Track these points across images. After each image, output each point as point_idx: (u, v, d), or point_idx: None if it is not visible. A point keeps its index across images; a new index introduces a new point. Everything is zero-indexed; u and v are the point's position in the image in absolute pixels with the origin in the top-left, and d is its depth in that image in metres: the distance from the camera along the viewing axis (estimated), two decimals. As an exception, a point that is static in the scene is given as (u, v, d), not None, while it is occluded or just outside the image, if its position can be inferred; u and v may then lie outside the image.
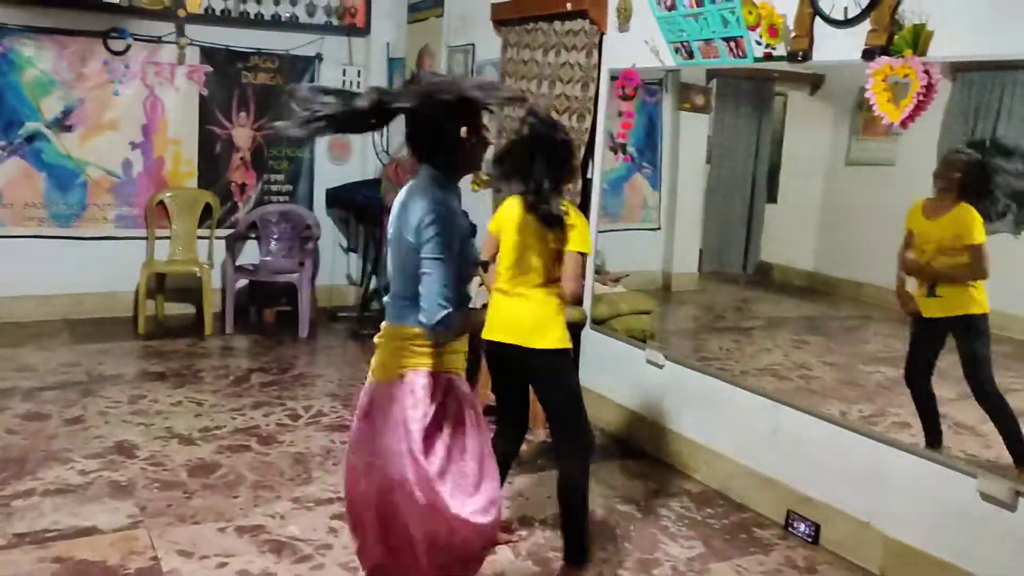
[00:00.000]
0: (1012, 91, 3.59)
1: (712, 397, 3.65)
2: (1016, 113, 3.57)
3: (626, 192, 5.07)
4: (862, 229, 4.47)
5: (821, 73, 4.03)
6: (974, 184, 3.27)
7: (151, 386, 4.50)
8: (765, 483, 3.38)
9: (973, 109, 3.71)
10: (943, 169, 3.31)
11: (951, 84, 3.73)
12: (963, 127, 3.76)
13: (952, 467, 2.80)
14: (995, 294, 3.41)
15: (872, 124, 3.23)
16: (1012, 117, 3.60)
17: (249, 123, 6.05)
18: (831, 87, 4.02)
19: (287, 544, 2.94)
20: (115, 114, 5.65)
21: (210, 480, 3.41)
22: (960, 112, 3.75)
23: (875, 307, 4.42)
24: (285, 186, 6.25)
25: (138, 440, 3.76)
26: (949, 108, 3.76)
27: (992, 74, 3.62)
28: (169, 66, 5.74)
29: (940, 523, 2.80)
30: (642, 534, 3.19)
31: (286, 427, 4.03)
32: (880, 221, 4.28)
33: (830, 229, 4.77)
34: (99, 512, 3.09)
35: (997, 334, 3.78)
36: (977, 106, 3.70)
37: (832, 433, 3.14)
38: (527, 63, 4.67)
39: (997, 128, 3.70)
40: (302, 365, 5.07)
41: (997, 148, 3.42)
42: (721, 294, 5.35)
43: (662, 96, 4.95)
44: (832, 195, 4.78)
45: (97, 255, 5.67)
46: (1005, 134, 3.71)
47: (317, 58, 6.17)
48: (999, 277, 3.30)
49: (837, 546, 3.11)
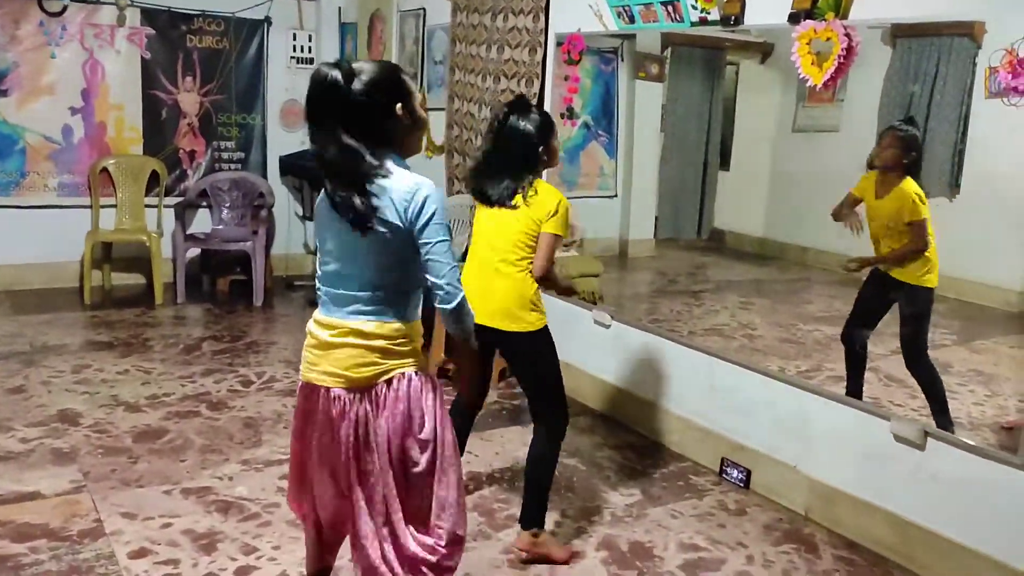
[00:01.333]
0: (948, 57, 3.67)
1: (655, 355, 3.74)
2: (952, 78, 3.66)
3: (583, 160, 5.09)
4: (808, 195, 4.57)
5: (771, 42, 4.09)
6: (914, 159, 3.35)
7: (97, 355, 4.43)
8: (702, 433, 3.49)
9: (912, 75, 3.80)
10: (881, 148, 3.39)
11: (891, 50, 3.81)
12: (902, 92, 3.85)
13: (868, 411, 2.93)
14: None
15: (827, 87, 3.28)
16: (948, 82, 3.69)
17: (196, 88, 5.93)
18: (780, 55, 4.08)
19: (234, 504, 2.94)
20: (53, 78, 5.49)
21: (156, 445, 3.39)
22: (899, 78, 3.83)
23: (819, 270, 4.53)
24: (237, 153, 6.14)
25: (82, 408, 3.71)
26: (889, 74, 3.84)
27: (929, 40, 3.71)
28: (109, 28, 5.58)
29: (859, 465, 2.93)
30: (585, 484, 3.26)
31: (237, 393, 4.01)
32: (824, 187, 4.38)
33: (778, 195, 4.87)
34: (41, 478, 3.05)
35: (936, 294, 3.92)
36: (915, 72, 3.78)
37: (763, 385, 3.25)
38: (476, 27, 4.64)
39: (934, 93, 3.79)
40: (256, 333, 5.03)
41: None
42: (676, 260, 5.44)
43: (617, 65, 4.97)
44: (780, 162, 4.87)
45: (39, 224, 5.53)
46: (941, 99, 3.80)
47: (266, 22, 6.05)
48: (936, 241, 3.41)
49: (766, 490, 3.23)
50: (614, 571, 2.67)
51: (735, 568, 2.73)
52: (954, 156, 3.78)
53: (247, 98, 6.10)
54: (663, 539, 2.88)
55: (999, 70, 2.46)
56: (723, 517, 3.06)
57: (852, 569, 2.77)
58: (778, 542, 2.91)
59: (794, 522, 3.05)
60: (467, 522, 2.07)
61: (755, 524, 3.02)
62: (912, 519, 2.76)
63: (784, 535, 2.96)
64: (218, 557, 2.61)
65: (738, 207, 5.15)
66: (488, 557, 2.71)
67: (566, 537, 2.86)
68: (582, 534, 2.88)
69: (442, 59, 5.14)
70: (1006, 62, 2.44)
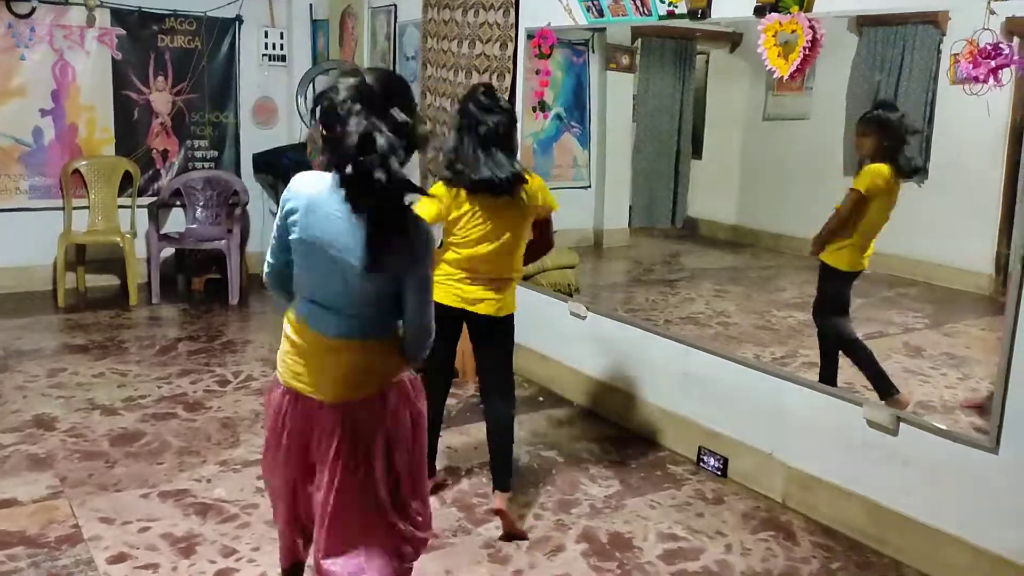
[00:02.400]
0: (912, 45, 3.72)
1: (631, 345, 3.77)
2: (918, 65, 3.71)
3: (556, 151, 5.10)
4: (779, 182, 4.62)
5: (740, 32, 4.12)
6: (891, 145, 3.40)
7: (72, 359, 4.39)
8: (679, 423, 3.53)
9: (878, 63, 3.84)
10: (859, 136, 3.45)
11: (857, 39, 3.86)
12: (869, 80, 3.89)
13: (842, 397, 2.98)
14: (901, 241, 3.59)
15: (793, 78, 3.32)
16: (913, 70, 3.74)
17: (168, 88, 5.87)
18: (749, 45, 4.11)
19: (213, 506, 2.94)
20: (22, 80, 5.41)
21: (133, 448, 3.37)
22: (866, 66, 3.88)
23: (791, 256, 4.59)
24: (210, 152, 6.10)
25: (57, 413, 3.69)
26: (856, 62, 3.89)
27: (894, 29, 3.75)
28: (79, 29, 5.51)
29: (833, 451, 2.97)
30: (563, 477, 3.29)
31: (214, 393, 4.00)
32: (795, 173, 4.43)
33: (750, 183, 4.92)
34: (17, 485, 3.03)
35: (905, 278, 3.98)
36: (882, 60, 3.83)
37: (738, 373, 3.29)
38: (447, 23, 4.64)
39: (900, 80, 3.84)
40: (232, 332, 5.01)
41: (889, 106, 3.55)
42: (650, 249, 5.48)
43: (589, 57, 4.98)
44: (751, 150, 4.92)
45: (10, 227, 5.46)
46: (907, 87, 3.85)
47: (237, 20, 6.00)
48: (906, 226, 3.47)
49: (743, 477, 3.27)
50: (594, 563, 2.70)
51: (714, 557, 2.76)
52: (921, 142, 3.84)
53: (220, 97, 6.05)
54: (642, 530, 2.91)
55: (960, 60, 2.50)
56: (701, 506, 3.10)
57: (829, 555, 2.81)
58: (756, 530, 2.95)
59: (772, 509, 3.09)
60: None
61: (733, 512, 3.06)
62: (886, 504, 2.81)
63: (762, 523, 3.00)
64: (197, 560, 2.61)
65: (711, 195, 5.20)
66: (469, 551, 2.73)
67: (545, 530, 2.89)
68: (561, 527, 2.91)
69: (414, 55, 5.13)
70: (966, 52, 2.47)
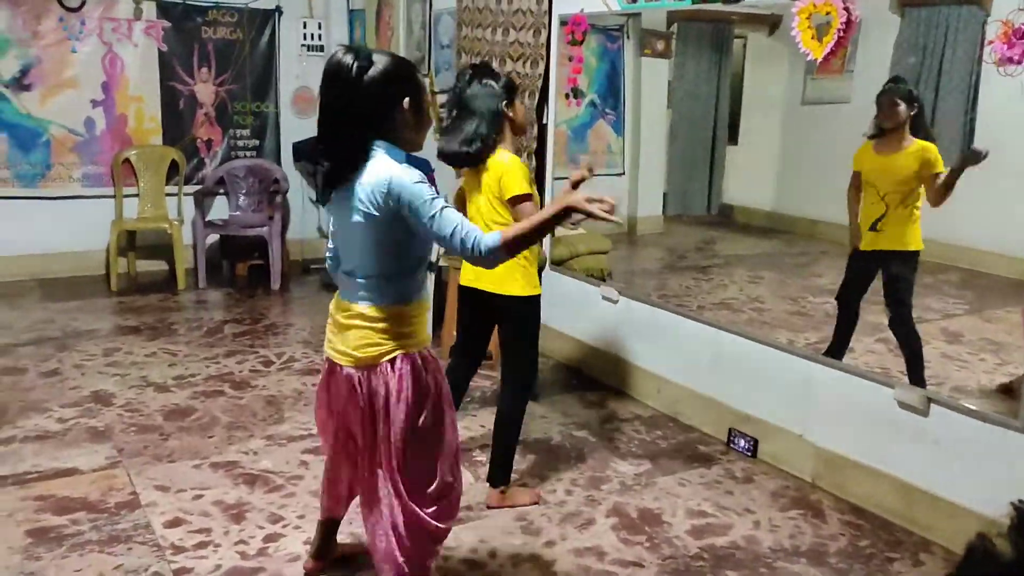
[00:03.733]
0: (956, 26, 3.69)
1: (661, 328, 3.83)
2: (961, 46, 3.68)
3: (590, 138, 5.14)
4: (817, 167, 4.60)
5: (779, 14, 4.12)
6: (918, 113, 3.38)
7: (125, 339, 4.59)
8: (709, 404, 3.59)
9: (920, 44, 3.82)
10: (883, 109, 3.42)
11: (899, 19, 3.83)
12: (912, 62, 3.87)
13: (872, 379, 3.01)
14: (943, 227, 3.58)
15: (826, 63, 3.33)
16: (957, 50, 3.71)
17: (211, 79, 6.04)
18: (788, 28, 4.11)
19: (260, 476, 3.08)
20: (74, 72, 5.62)
21: (185, 423, 3.54)
22: (908, 47, 3.85)
23: (829, 243, 4.58)
24: (252, 141, 6.26)
25: (114, 389, 3.87)
26: (898, 43, 3.86)
27: (937, 9, 3.72)
28: (126, 22, 5.70)
29: (863, 432, 3.01)
30: (594, 455, 3.37)
31: (259, 373, 4.15)
32: (835, 159, 4.41)
33: (788, 169, 4.90)
34: (78, 455, 3.21)
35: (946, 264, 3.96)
36: (924, 41, 3.80)
37: (768, 355, 3.34)
38: (482, 11, 4.71)
39: (943, 62, 3.81)
40: (274, 315, 5.17)
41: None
42: (685, 235, 5.49)
43: (623, 42, 5.01)
44: (789, 135, 4.89)
45: (65, 214, 5.69)
46: (950, 68, 3.82)
47: (277, 11, 6.14)
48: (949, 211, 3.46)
49: (773, 458, 3.32)
50: (623, 536, 2.78)
51: (742, 533, 2.83)
52: (965, 125, 3.80)
53: (260, 87, 6.21)
54: (671, 506, 2.98)
55: (995, 41, 2.50)
56: (730, 485, 3.16)
57: (858, 533, 2.86)
58: (785, 508, 3.00)
59: (801, 489, 3.14)
60: (459, 485, 2.22)
61: (762, 491, 3.12)
62: (916, 483, 2.84)
63: (791, 501, 3.05)
64: (247, 526, 2.75)
65: (747, 181, 5.19)
66: (501, 524, 2.83)
67: (576, 505, 2.97)
68: (592, 502, 3.00)
69: (449, 43, 5.21)
70: (1001, 32, 2.48)
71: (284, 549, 2.63)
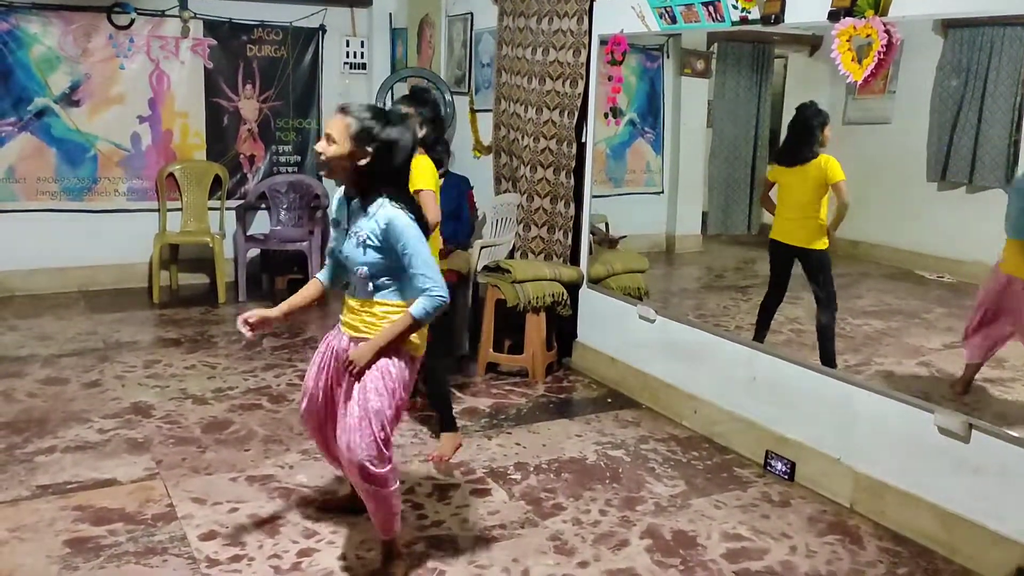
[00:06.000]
0: (1000, 47, 3.63)
1: (698, 348, 3.80)
2: (1005, 68, 3.61)
3: (629, 157, 5.14)
4: (859, 188, 4.54)
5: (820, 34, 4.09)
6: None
7: (166, 352, 4.67)
8: (746, 426, 3.54)
9: (964, 65, 3.76)
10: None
11: (942, 40, 3.78)
12: (956, 83, 3.81)
13: (912, 404, 2.94)
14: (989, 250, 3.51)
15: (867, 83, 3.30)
16: (1001, 72, 3.65)
17: (255, 95, 6.16)
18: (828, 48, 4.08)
19: (295, 491, 3.10)
20: (122, 88, 5.77)
21: (223, 436, 3.58)
22: (952, 68, 3.79)
23: (870, 263, 4.51)
24: (293, 157, 6.37)
25: (153, 401, 3.94)
26: (941, 64, 3.81)
27: (980, 30, 3.67)
28: (174, 39, 5.85)
29: (903, 457, 2.95)
30: (630, 476, 3.34)
31: (296, 387, 4.19)
32: (876, 179, 4.35)
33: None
34: (117, 466, 3.26)
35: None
36: (968, 62, 3.74)
37: (806, 378, 3.29)
38: (522, 30, 4.74)
39: (987, 84, 3.75)
40: (313, 329, 5.22)
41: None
42: (723, 255, 5.45)
43: (663, 62, 5.01)
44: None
45: (110, 227, 5.83)
46: (995, 89, 3.76)
47: (321, 30, 6.25)
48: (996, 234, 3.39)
49: (811, 482, 3.26)
50: (657, 559, 2.75)
51: (778, 558, 2.77)
52: (1009, 147, 3.73)
53: (303, 103, 6.32)
54: (706, 528, 2.94)
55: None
56: (767, 508, 3.11)
57: (896, 560, 2.79)
58: (822, 533, 2.94)
59: (839, 514, 3.08)
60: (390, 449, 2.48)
61: (799, 515, 3.06)
62: (956, 511, 2.77)
63: (828, 526, 2.99)
64: (281, 540, 2.77)
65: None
66: (535, 543, 2.81)
67: (610, 525, 2.94)
68: (627, 523, 2.97)
69: (489, 62, 5.26)
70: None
71: (317, 564, 2.64)
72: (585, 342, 4.54)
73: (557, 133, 4.51)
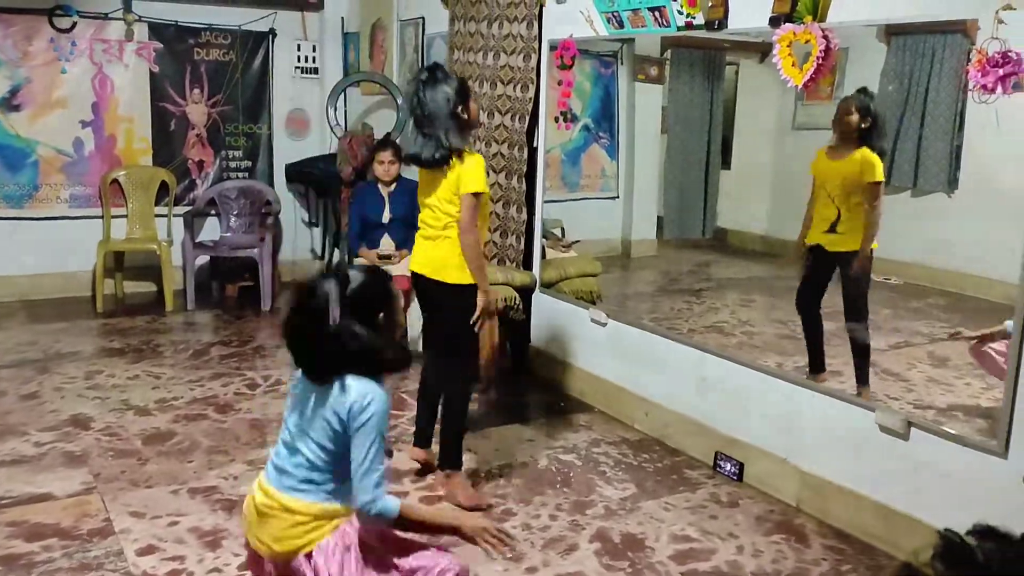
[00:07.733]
0: (942, 55, 3.71)
1: (650, 351, 3.81)
2: (947, 74, 3.69)
3: (584, 162, 5.16)
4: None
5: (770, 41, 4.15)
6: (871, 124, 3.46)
7: (108, 362, 4.55)
8: (697, 428, 3.55)
9: (907, 72, 3.83)
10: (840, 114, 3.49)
11: (885, 47, 3.85)
12: (898, 88, 3.88)
13: (854, 403, 2.99)
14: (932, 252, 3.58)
15: (815, 89, 3.35)
16: (943, 78, 3.72)
17: (204, 100, 6.05)
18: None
19: (239, 502, 3.02)
20: (63, 92, 5.63)
21: (165, 447, 3.49)
22: (895, 74, 3.86)
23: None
24: (244, 162, 6.26)
25: (93, 413, 3.82)
26: (885, 71, 3.88)
27: (922, 38, 3.74)
28: (117, 43, 5.72)
29: (846, 455, 2.98)
30: (580, 479, 3.33)
31: (244, 396, 4.11)
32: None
33: (779, 193, 4.91)
34: (53, 480, 3.15)
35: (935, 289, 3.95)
36: (911, 69, 3.82)
37: (755, 379, 3.32)
38: (473, 35, 4.73)
39: (929, 89, 3.82)
40: (263, 337, 5.13)
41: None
42: (679, 259, 5.49)
43: (617, 68, 5.04)
44: (781, 160, 4.91)
45: (52, 235, 5.67)
46: (936, 95, 3.83)
47: (271, 34, 6.17)
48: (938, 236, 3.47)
49: (759, 482, 3.29)
50: (606, 562, 2.74)
51: (724, 558, 2.78)
52: (951, 152, 3.81)
53: (253, 108, 6.22)
54: (655, 531, 2.94)
55: (970, 69, 2.50)
56: (715, 509, 3.12)
57: (840, 558, 2.82)
58: (768, 532, 2.96)
59: (786, 513, 3.10)
60: None
61: (747, 516, 3.08)
62: (897, 507, 2.81)
63: (775, 526, 3.01)
64: (222, 553, 2.70)
65: (740, 205, 5.19)
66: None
67: (560, 530, 2.93)
68: (576, 527, 2.95)
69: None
70: (976, 60, 2.48)
71: (259, 577, 2.57)
72: (538, 346, 4.52)
73: (509, 137, 4.50)
